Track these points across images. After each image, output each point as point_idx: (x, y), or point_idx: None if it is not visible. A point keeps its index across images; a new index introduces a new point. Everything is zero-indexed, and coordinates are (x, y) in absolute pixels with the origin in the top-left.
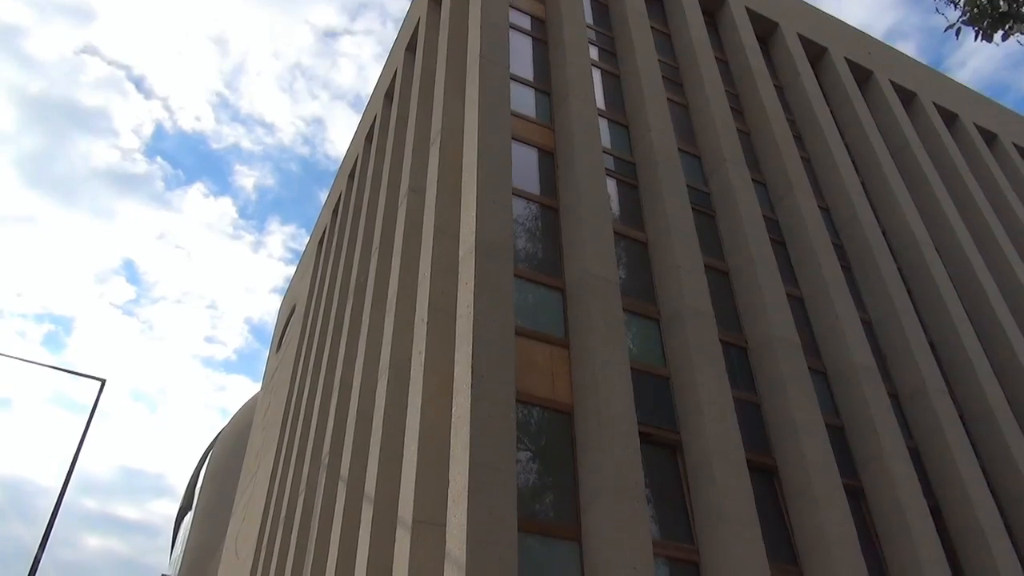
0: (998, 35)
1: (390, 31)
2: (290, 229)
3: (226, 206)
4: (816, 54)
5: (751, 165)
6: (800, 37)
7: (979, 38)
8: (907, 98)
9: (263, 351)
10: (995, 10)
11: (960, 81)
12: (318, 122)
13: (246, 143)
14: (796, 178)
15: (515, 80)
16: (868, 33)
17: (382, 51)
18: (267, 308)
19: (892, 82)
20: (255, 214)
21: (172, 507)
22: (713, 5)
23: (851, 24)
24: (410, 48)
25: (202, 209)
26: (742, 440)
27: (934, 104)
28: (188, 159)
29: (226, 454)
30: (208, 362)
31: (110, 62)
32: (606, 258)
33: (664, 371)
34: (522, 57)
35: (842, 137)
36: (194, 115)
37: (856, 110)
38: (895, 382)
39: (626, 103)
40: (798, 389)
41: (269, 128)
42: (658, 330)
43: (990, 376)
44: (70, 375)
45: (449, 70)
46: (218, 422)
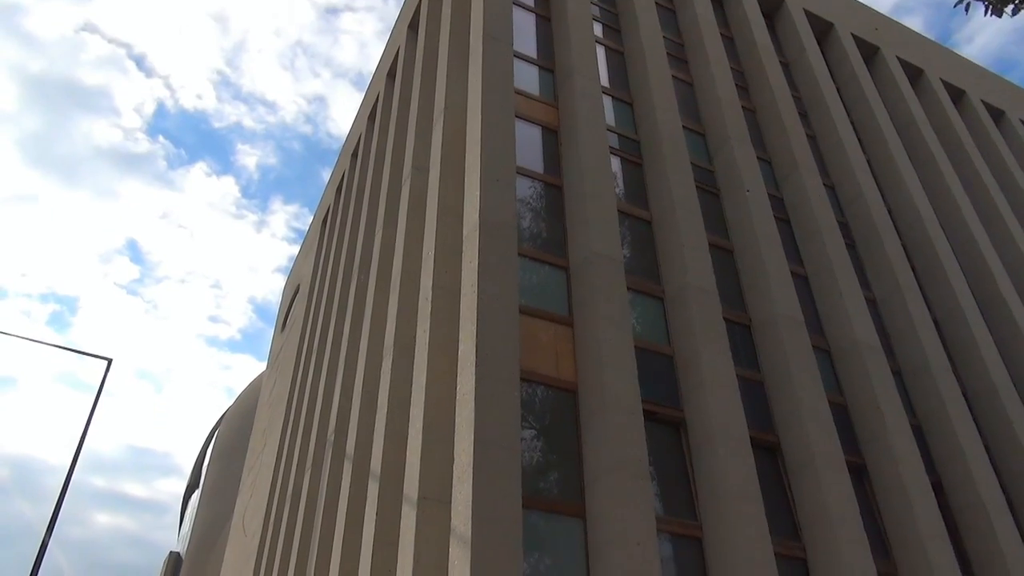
0: (1008, 8)
1: (392, 8)
2: (293, 208)
3: (229, 185)
4: (822, 30)
5: (756, 143)
6: (806, 12)
7: (989, 12)
8: (914, 75)
9: (267, 330)
10: None
11: (967, 57)
12: (320, 100)
13: (248, 122)
14: (801, 156)
15: (519, 57)
16: (875, 8)
17: (384, 28)
18: (271, 287)
19: (899, 58)
20: (258, 193)
21: (179, 485)
22: None
23: None
24: (412, 26)
25: (205, 188)
26: (745, 417)
27: (941, 81)
28: (190, 138)
29: (233, 433)
30: (213, 341)
31: (110, 40)
32: (610, 236)
33: (668, 349)
34: (525, 34)
35: (848, 114)
36: (195, 93)
37: (862, 87)
38: (899, 359)
39: (630, 80)
40: (802, 367)
41: (271, 106)
42: (662, 308)
43: (994, 354)
44: (77, 354)
45: (452, 48)
46: (224, 401)
